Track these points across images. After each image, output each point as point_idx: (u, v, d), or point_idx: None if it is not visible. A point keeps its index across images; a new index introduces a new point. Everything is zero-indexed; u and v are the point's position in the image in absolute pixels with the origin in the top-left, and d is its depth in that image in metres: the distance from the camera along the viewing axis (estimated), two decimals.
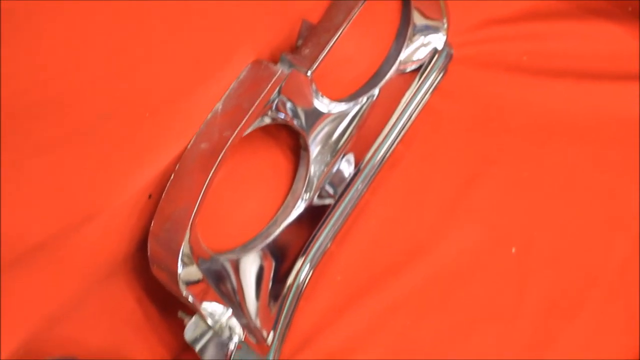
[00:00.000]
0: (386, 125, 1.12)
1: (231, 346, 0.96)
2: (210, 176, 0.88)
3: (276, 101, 0.94)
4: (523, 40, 1.20)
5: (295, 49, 0.98)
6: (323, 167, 1.06)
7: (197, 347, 0.95)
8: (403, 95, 1.13)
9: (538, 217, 1.13)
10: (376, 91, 1.09)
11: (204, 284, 0.93)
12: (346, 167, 1.09)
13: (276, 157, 1.05)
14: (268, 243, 1.03)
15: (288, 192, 1.06)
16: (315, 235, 1.07)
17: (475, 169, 1.15)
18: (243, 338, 0.97)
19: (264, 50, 0.97)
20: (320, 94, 1.01)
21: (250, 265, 1.01)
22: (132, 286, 0.98)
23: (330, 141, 1.06)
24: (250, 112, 0.91)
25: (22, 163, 0.81)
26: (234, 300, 0.98)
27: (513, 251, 1.11)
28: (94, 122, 0.85)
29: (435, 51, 1.14)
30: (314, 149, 1.04)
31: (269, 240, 1.03)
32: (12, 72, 0.75)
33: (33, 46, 0.75)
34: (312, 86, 0.99)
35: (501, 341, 1.07)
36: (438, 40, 1.14)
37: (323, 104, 1.02)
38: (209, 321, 0.95)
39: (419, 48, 1.13)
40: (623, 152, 1.15)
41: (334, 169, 1.07)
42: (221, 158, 0.89)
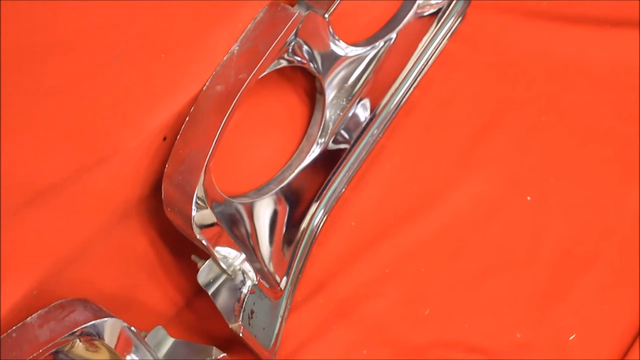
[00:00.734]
0: (403, 70, 1.10)
1: (244, 290, 0.95)
2: (225, 118, 0.87)
3: (293, 44, 0.92)
4: None
5: None
6: (339, 112, 1.05)
7: (210, 291, 0.94)
8: (420, 39, 1.11)
9: (554, 166, 1.12)
10: (393, 35, 1.07)
11: (218, 228, 0.93)
12: (362, 112, 1.08)
13: (291, 101, 1.04)
14: (282, 187, 1.02)
15: (303, 137, 1.05)
16: (329, 180, 1.06)
17: (491, 116, 1.14)
18: (256, 282, 0.96)
19: None
20: (337, 37, 0.99)
21: (264, 209, 1.00)
22: (146, 229, 0.97)
23: (346, 85, 1.04)
24: (266, 55, 0.90)
25: (36, 104, 0.80)
26: (248, 244, 0.98)
27: (528, 199, 1.10)
28: (109, 63, 0.84)
29: None
30: (330, 93, 1.03)
31: (283, 184, 1.02)
32: (26, 13, 0.74)
33: None
34: (329, 29, 0.97)
35: (514, 290, 1.07)
36: None
37: (340, 47, 1.01)
38: (223, 265, 0.94)
39: None
40: None
41: (350, 114, 1.06)
42: (237, 100, 0.88)
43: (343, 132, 1.06)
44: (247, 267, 0.96)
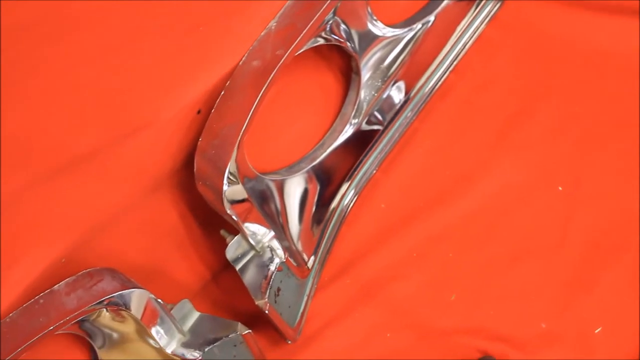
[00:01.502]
0: (439, 53, 1.10)
1: (272, 267, 0.95)
2: (261, 94, 0.87)
3: (330, 22, 0.92)
4: None
5: None
6: (373, 93, 1.04)
7: (238, 266, 0.94)
8: (458, 23, 1.10)
9: (586, 155, 1.11)
10: (432, 18, 1.06)
11: (248, 204, 0.92)
12: (396, 94, 1.07)
13: (327, 80, 1.04)
14: (314, 166, 1.02)
15: (337, 116, 1.05)
16: (361, 161, 1.05)
17: (525, 103, 1.13)
18: (284, 260, 0.96)
19: None
20: (374, 18, 0.99)
21: (295, 187, 1.00)
22: (176, 202, 0.97)
23: (382, 66, 1.04)
24: (304, 32, 0.89)
25: (72, 73, 0.80)
26: (277, 221, 0.98)
27: (560, 189, 1.09)
28: (146, 33, 0.83)
29: None
30: (366, 74, 1.02)
31: (315, 163, 1.02)
32: None
33: None
34: (367, 9, 0.97)
35: (541, 278, 1.06)
36: None
37: (377, 28, 1.00)
38: (251, 241, 0.94)
39: None
40: None
41: (384, 95, 1.06)
42: (273, 76, 0.87)
43: (377, 114, 1.06)
44: (276, 245, 0.96)
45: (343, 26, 0.94)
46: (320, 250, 1.02)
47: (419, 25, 1.05)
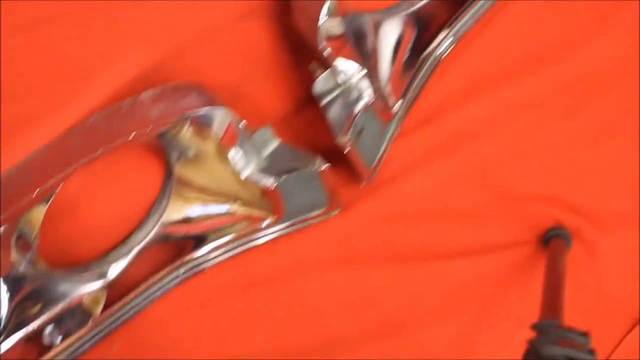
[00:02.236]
0: None
1: (358, 107, 0.94)
2: None
3: None
4: None
5: None
6: None
7: (323, 102, 0.93)
8: None
9: None
10: None
11: (343, 40, 0.90)
12: None
13: None
14: (414, 10, 0.98)
15: None
16: (463, 10, 1.01)
17: None
18: (371, 101, 0.94)
19: None
20: None
21: (391, 29, 0.97)
22: (269, 30, 0.95)
23: None
24: None
25: None
26: (369, 62, 0.95)
27: None
28: None
29: None
30: None
31: (415, 7, 0.98)
32: None
33: None
34: None
35: (626, 157, 1.05)
36: None
37: None
38: (340, 78, 0.92)
39: None
40: None
41: None
42: None
43: None
44: (365, 85, 0.94)
45: None
46: (407, 96, 1.00)
47: None
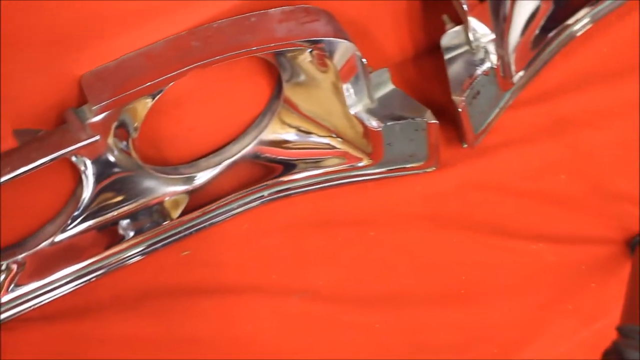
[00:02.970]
0: None
1: (480, 69, 0.92)
2: None
3: None
4: None
5: None
6: None
7: (448, 56, 0.92)
8: None
9: None
10: None
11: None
12: None
13: None
14: None
15: None
16: None
17: None
18: (495, 67, 0.93)
19: None
20: None
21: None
22: None
23: None
24: None
25: None
26: (500, 27, 0.94)
27: None
28: None
29: None
30: None
31: None
32: None
33: None
34: None
35: None
36: None
37: None
38: (470, 37, 0.91)
39: None
40: None
41: None
42: None
43: None
44: (492, 49, 0.93)
45: None
46: (530, 69, 0.99)
47: None
